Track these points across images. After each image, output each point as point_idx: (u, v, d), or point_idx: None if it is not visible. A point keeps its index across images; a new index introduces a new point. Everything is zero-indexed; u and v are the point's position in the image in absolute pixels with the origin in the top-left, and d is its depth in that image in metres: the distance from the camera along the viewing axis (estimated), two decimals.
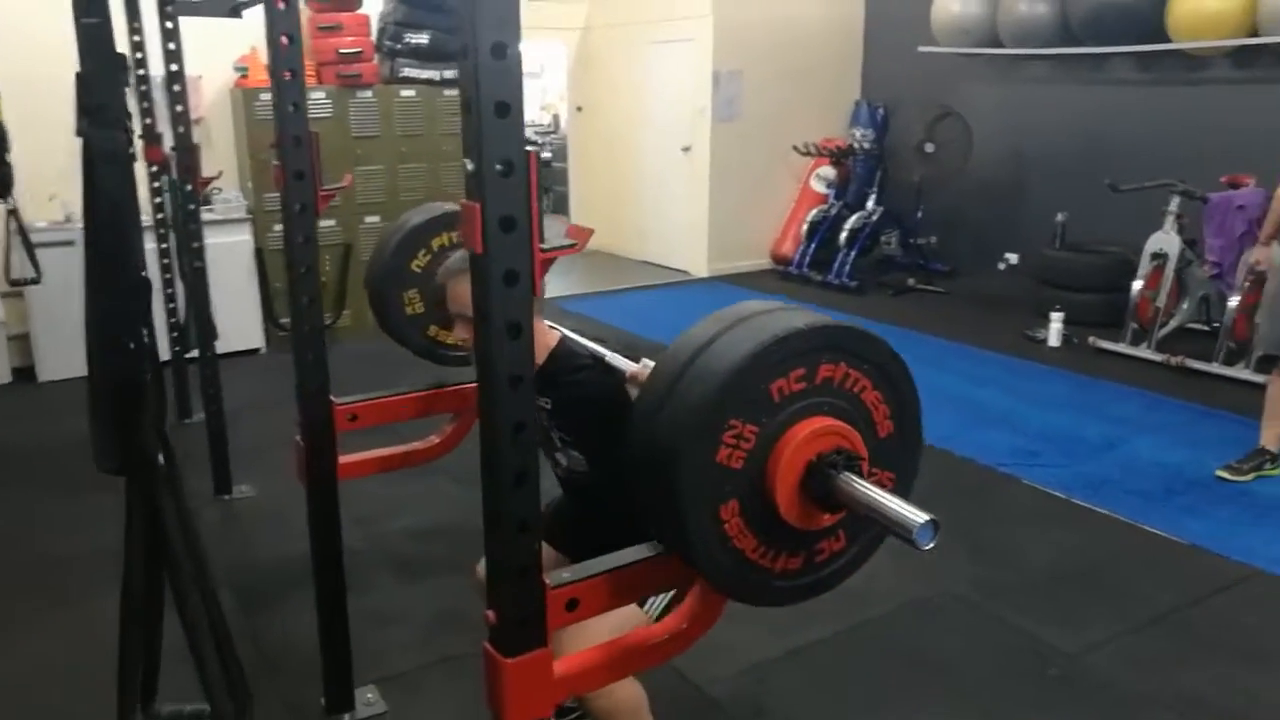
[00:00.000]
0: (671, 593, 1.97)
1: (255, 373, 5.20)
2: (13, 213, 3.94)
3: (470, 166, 1.24)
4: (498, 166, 1.23)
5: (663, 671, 2.50)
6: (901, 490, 1.44)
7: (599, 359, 1.96)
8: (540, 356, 1.91)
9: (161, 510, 1.22)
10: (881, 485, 1.32)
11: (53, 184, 5.13)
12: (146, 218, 4.74)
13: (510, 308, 1.27)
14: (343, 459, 2.34)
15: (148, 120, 4.37)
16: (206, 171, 4.19)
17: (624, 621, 1.86)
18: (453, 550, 3.37)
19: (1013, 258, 7.13)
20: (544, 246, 1.32)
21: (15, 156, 4.49)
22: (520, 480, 1.35)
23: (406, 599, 3.02)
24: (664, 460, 1.27)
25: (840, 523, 1.37)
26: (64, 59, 4.62)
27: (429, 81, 6.17)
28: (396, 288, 2.55)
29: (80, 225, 1.15)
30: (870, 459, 1.36)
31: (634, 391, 1.72)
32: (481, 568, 2.23)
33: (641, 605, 1.97)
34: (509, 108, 1.22)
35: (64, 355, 5.03)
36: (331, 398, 2.29)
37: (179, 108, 3.66)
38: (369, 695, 2.51)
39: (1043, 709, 2.46)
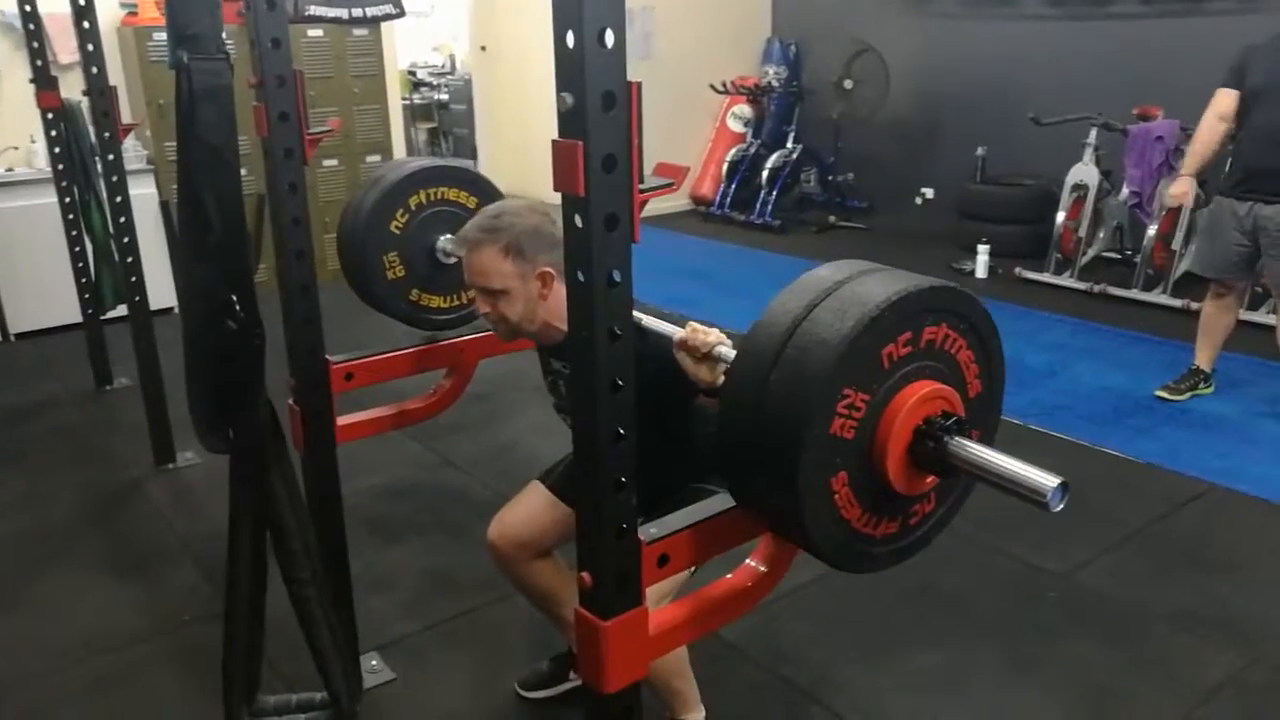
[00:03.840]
0: None
1: (170, 332, 4.85)
2: None
3: (570, 101, 1.14)
4: (601, 99, 1.13)
5: None
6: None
7: (635, 324, 1.81)
8: (565, 322, 1.77)
9: (272, 489, 1.08)
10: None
11: None
12: (46, 169, 4.36)
13: (610, 254, 1.19)
14: (341, 421, 2.18)
15: (39, 62, 3.99)
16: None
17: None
18: (425, 509, 3.26)
19: (929, 192, 7.26)
20: (642, 187, 1.23)
21: None
22: (617, 437, 1.27)
23: (389, 563, 2.90)
24: (776, 437, 1.22)
25: (932, 486, 1.36)
26: None
27: (337, 20, 5.79)
28: (376, 252, 2.37)
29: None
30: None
31: (684, 360, 1.62)
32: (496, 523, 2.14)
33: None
34: (612, 35, 1.12)
35: None
36: (326, 357, 2.14)
37: (90, 46, 3.33)
38: (374, 663, 2.40)
39: (1051, 630, 2.54)
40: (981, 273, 5.82)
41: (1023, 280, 5.65)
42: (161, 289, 5.14)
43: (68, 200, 4.13)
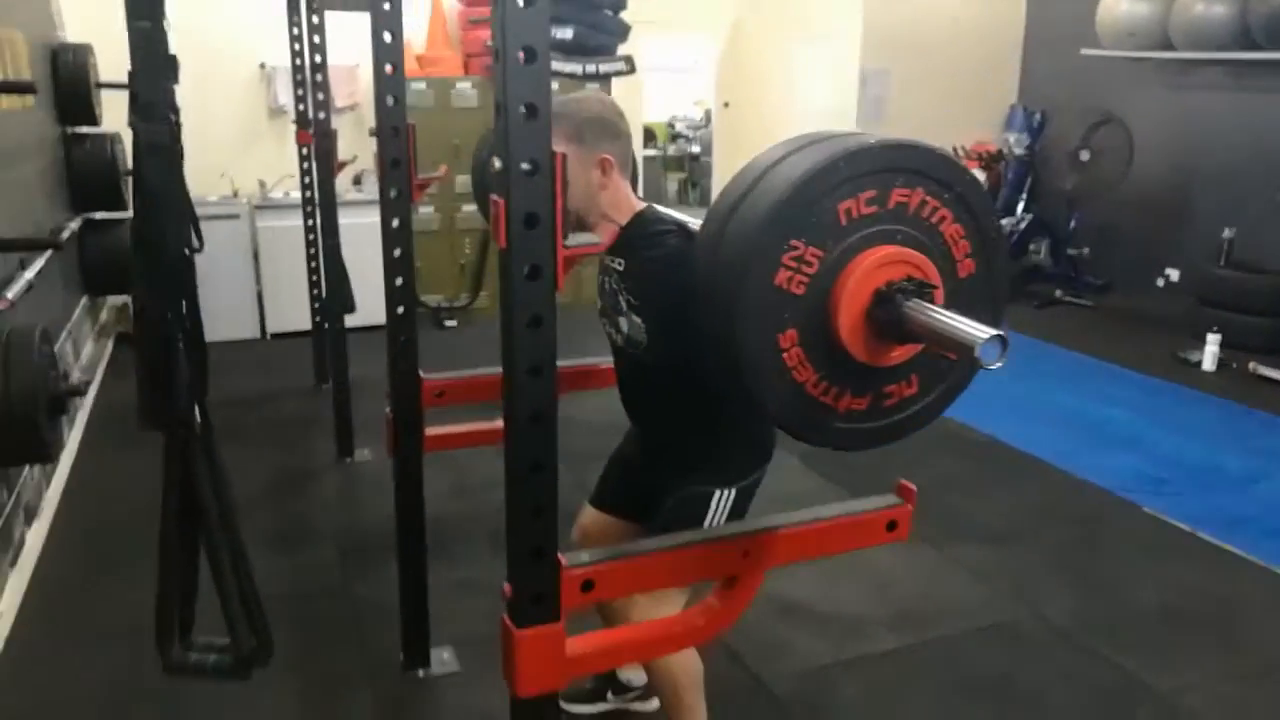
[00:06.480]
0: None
1: (374, 345, 5.41)
2: None
3: (498, 165, 1.29)
4: (524, 166, 1.26)
5: (725, 659, 2.52)
6: None
7: (683, 225, 1.87)
8: (623, 217, 1.89)
9: (193, 465, 1.34)
10: None
11: (222, 162, 5.58)
12: (295, 194, 5.07)
13: (532, 301, 1.31)
14: (429, 432, 2.45)
15: (301, 107, 4.67)
16: (342, 155, 4.42)
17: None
18: None
19: (1173, 274, 6.68)
20: (568, 244, 1.36)
21: (186, 136, 4.93)
22: (536, 468, 1.40)
23: (496, 571, 3.10)
24: (722, 281, 1.22)
25: (912, 365, 1.29)
26: (233, 53, 4.93)
27: (572, 75, 6.32)
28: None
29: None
30: (949, 299, 1.27)
31: None
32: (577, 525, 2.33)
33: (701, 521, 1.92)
34: (537, 110, 1.25)
35: (218, 317, 5.45)
36: (421, 373, 2.41)
37: (320, 96, 3.90)
38: (445, 655, 2.63)
39: None
40: (1209, 364, 5.28)
41: (1257, 377, 5.08)
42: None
43: (309, 223, 4.79)
